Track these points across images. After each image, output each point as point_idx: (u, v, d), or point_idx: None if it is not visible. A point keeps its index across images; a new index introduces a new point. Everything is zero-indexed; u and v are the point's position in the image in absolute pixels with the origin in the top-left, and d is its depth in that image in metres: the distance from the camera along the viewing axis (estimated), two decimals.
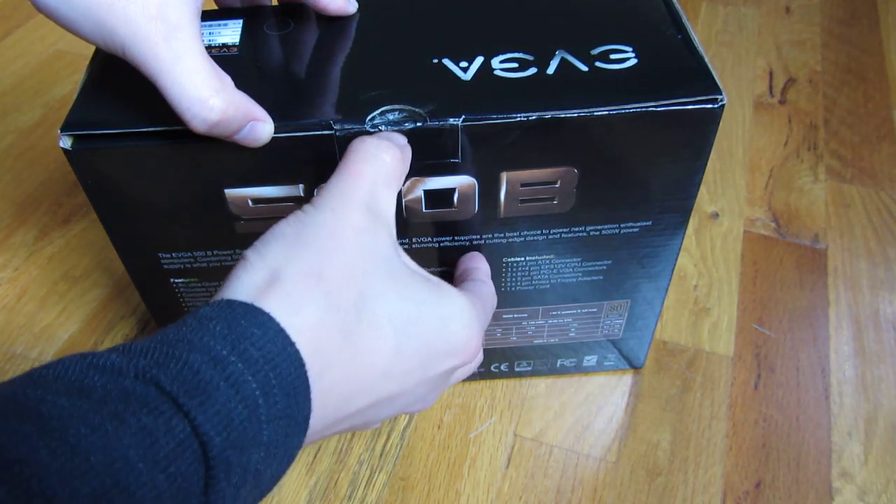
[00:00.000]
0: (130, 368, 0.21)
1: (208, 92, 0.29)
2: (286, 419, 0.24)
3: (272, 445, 0.23)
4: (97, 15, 0.28)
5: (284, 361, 0.24)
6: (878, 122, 0.71)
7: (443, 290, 0.30)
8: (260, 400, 0.22)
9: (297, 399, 0.24)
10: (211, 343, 0.23)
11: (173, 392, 0.21)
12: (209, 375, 0.22)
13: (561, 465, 0.47)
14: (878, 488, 0.46)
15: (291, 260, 0.27)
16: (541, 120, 0.33)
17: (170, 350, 0.22)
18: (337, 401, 0.26)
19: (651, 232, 0.39)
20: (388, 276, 0.28)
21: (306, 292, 0.26)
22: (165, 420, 0.21)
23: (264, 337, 0.23)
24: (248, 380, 0.22)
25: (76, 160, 0.33)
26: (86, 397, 0.20)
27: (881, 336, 0.54)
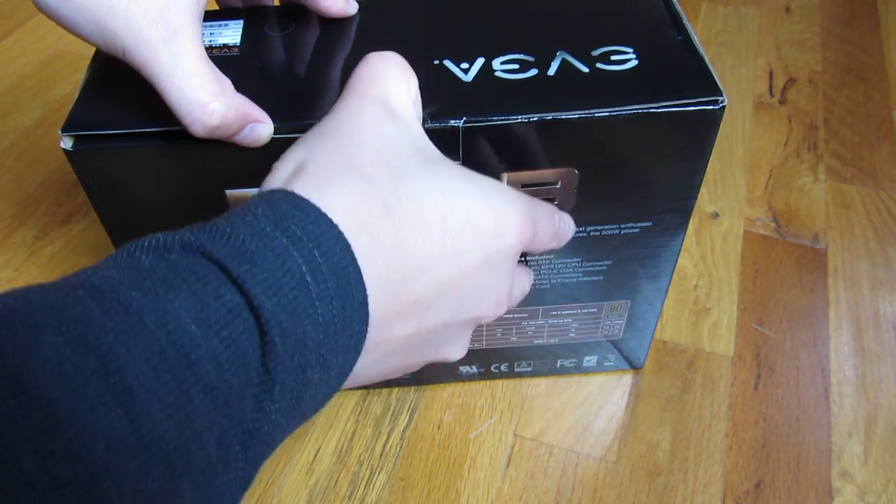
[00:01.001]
0: (175, 243, 0.21)
1: (208, 96, 0.29)
2: (339, 300, 0.23)
3: (330, 327, 0.22)
4: (98, 17, 0.28)
5: (329, 241, 0.23)
6: (878, 122, 0.71)
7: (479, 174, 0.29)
8: (308, 277, 0.22)
9: (347, 280, 0.23)
10: (254, 221, 0.22)
11: (221, 260, 0.21)
12: (255, 246, 0.21)
13: (561, 465, 0.47)
14: (878, 488, 0.46)
15: (316, 149, 0.26)
16: (542, 121, 0.33)
17: (213, 227, 0.22)
18: (395, 280, 0.25)
19: (651, 232, 0.39)
20: (419, 157, 0.27)
21: (336, 170, 0.25)
22: (214, 287, 0.20)
23: (306, 218, 0.23)
24: (293, 255, 0.22)
25: (77, 161, 0.33)
26: (135, 268, 0.20)
27: (881, 336, 0.54)
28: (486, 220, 0.27)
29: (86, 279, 0.20)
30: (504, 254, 0.28)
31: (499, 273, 0.29)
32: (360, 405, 0.50)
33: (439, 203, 0.26)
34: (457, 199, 0.27)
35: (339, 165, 0.25)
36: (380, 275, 0.24)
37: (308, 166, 0.25)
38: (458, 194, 0.27)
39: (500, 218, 0.28)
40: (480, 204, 0.27)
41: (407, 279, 0.25)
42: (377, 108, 0.28)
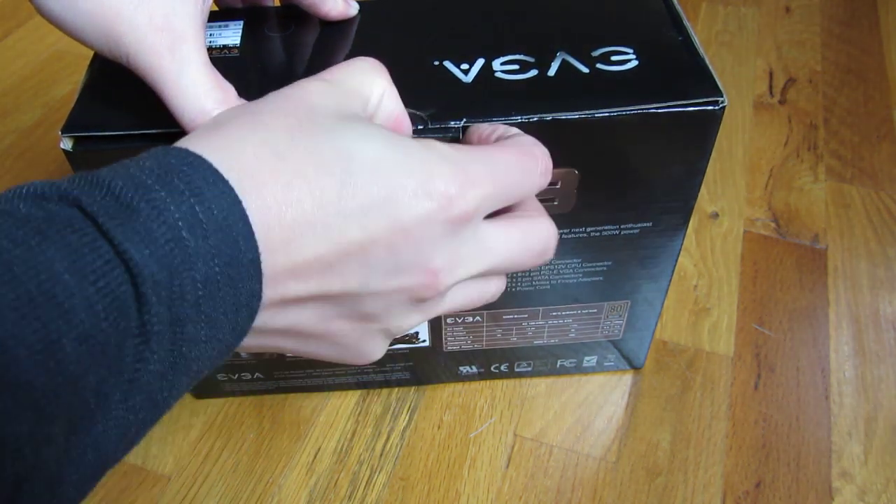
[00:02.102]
0: (53, 193, 0.21)
1: (211, 103, 0.29)
2: (224, 257, 0.22)
3: (211, 284, 0.22)
4: (103, 24, 0.28)
5: (213, 195, 0.22)
6: (878, 122, 0.71)
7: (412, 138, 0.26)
8: (184, 232, 0.21)
9: (233, 236, 0.22)
10: (136, 172, 0.22)
11: (94, 213, 0.20)
12: (129, 197, 0.21)
13: (561, 465, 0.47)
14: (878, 488, 0.46)
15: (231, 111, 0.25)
16: (542, 121, 0.33)
17: (94, 177, 0.21)
18: (282, 234, 0.23)
19: (651, 233, 0.39)
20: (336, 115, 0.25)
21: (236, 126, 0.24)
22: (91, 239, 0.20)
23: (193, 173, 0.22)
24: (170, 209, 0.21)
25: (77, 161, 0.33)
26: (8, 216, 0.20)
27: (881, 336, 0.54)
28: (398, 176, 0.24)
29: None
30: (426, 220, 0.25)
31: (424, 242, 0.25)
32: (360, 405, 0.50)
33: (343, 156, 0.24)
34: (367, 153, 0.24)
35: (243, 122, 0.24)
36: (265, 231, 0.23)
37: (212, 124, 0.24)
38: (369, 149, 0.24)
39: (419, 177, 0.24)
40: (396, 160, 0.24)
41: (297, 237, 0.23)
42: (319, 84, 0.26)
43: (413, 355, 0.47)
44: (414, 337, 0.46)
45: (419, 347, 0.46)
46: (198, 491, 0.46)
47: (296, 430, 0.49)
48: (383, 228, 0.24)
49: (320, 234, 0.23)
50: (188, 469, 0.47)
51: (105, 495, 0.45)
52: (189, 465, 0.47)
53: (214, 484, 0.46)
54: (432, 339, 0.46)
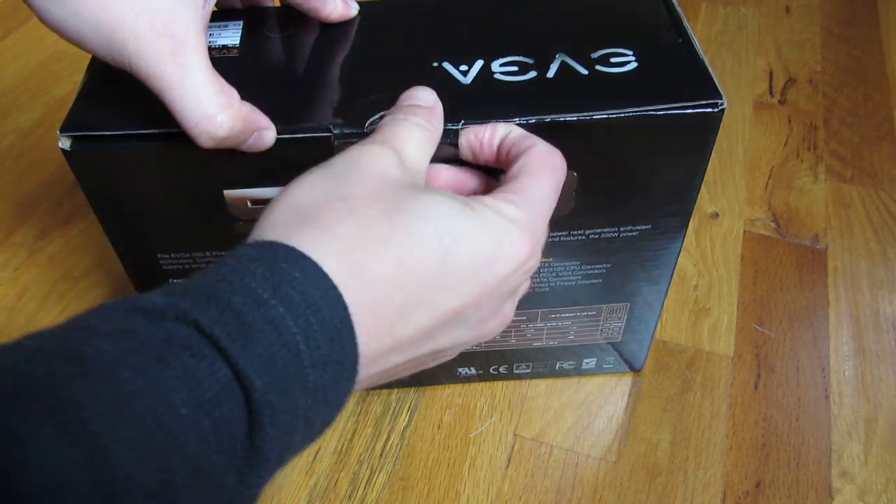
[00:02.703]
0: (171, 310, 0.21)
1: (215, 108, 0.29)
2: (332, 365, 0.23)
3: (320, 391, 0.23)
4: (105, 30, 0.28)
5: (326, 305, 0.23)
6: (878, 122, 0.71)
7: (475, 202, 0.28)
8: (301, 345, 0.22)
9: (341, 343, 0.23)
10: (252, 285, 0.22)
11: (214, 334, 0.21)
12: (251, 317, 0.21)
13: (561, 465, 0.47)
14: (878, 488, 0.46)
15: (315, 191, 0.26)
16: (540, 123, 0.33)
17: (211, 291, 0.22)
18: (390, 321, 0.25)
19: (651, 235, 0.39)
20: (417, 192, 0.27)
21: (333, 215, 0.25)
22: (208, 363, 0.20)
23: (306, 281, 0.23)
24: (288, 324, 0.22)
25: (75, 161, 0.33)
26: (129, 339, 0.20)
27: (881, 336, 0.54)
28: (486, 247, 0.27)
29: (77, 348, 0.20)
30: (507, 278, 0.28)
31: (503, 295, 0.28)
32: (360, 405, 0.50)
33: (439, 233, 0.26)
34: (455, 229, 0.26)
35: (337, 208, 0.25)
36: (374, 319, 0.24)
37: (306, 210, 0.25)
38: (456, 224, 0.26)
39: (501, 244, 0.27)
40: (479, 232, 0.27)
41: (404, 317, 0.25)
42: (387, 154, 0.28)
43: None
44: None
45: None
46: None
47: None
48: (475, 293, 0.27)
49: (423, 312, 0.26)
50: None
51: None
52: None
53: None
54: None
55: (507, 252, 0.27)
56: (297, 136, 0.33)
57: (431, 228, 0.26)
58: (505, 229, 0.27)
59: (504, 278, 0.28)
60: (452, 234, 0.26)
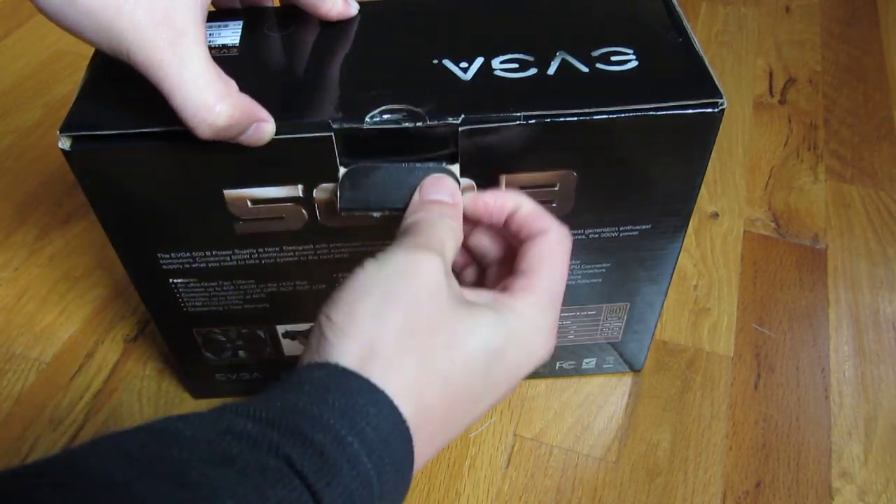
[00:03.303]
0: (265, 441, 0.23)
1: (213, 98, 0.29)
2: (395, 493, 0.25)
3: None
4: (103, 19, 0.28)
5: (396, 440, 0.25)
6: (878, 122, 0.71)
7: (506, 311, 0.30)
8: (374, 480, 0.24)
9: (403, 473, 0.25)
10: (332, 421, 0.24)
11: (303, 471, 0.22)
12: (333, 456, 0.23)
13: (561, 465, 0.47)
14: (878, 488, 0.46)
15: (383, 322, 0.27)
16: (540, 123, 0.33)
17: (295, 424, 0.24)
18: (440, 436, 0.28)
19: (651, 235, 0.39)
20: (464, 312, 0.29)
21: (404, 354, 0.26)
22: (297, 496, 0.22)
23: (379, 416, 0.25)
24: (364, 461, 0.24)
25: (75, 161, 0.33)
26: (229, 467, 0.22)
27: (881, 336, 0.54)
28: (522, 356, 0.30)
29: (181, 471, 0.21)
30: (532, 368, 0.31)
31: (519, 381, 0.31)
32: None
33: (487, 358, 0.28)
34: (498, 348, 0.28)
35: (406, 349, 0.26)
36: (428, 439, 0.27)
37: (380, 349, 0.26)
38: (498, 344, 0.29)
39: (533, 353, 0.30)
40: (517, 347, 0.29)
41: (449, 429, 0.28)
42: (436, 263, 0.28)
43: None
44: None
45: None
46: None
47: None
48: (501, 393, 0.30)
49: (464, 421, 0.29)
50: None
51: None
52: None
53: None
54: None
55: (538, 356, 0.30)
56: (298, 135, 0.33)
57: (481, 356, 0.28)
58: (535, 342, 0.30)
59: (528, 370, 0.30)
60: (496, 352, 0.28)
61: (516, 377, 0.30)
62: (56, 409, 0.50)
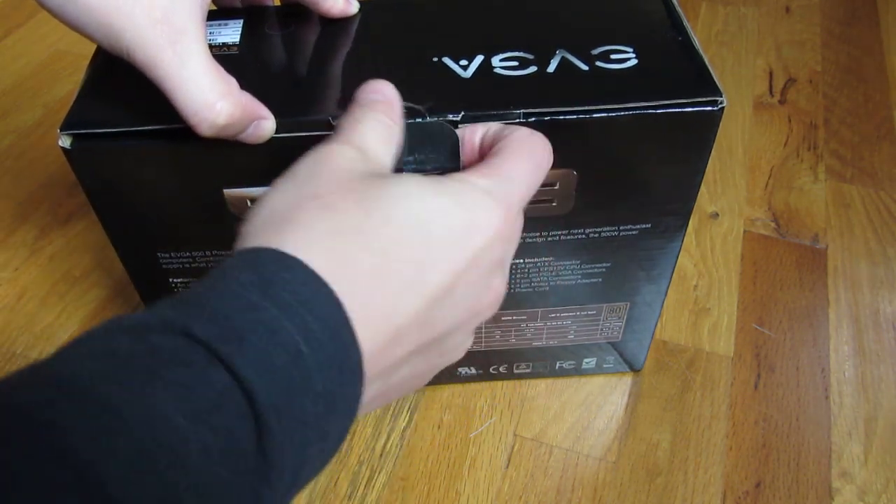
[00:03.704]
0: (157, 323, 0.20)
1: (214, 96, 0.29)
2: (337, 365, 0.22)
3: (329, 396, 0.21)
4: (103, 16, 0.28)
5: (321, 303, 0.22)
6: (878, 122, 0.71)
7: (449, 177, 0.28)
8: (303, 347, 0.21)
9: (343, 342, 0.22)
10: (240, 291, 0.21)
11: (206, 339, 0.19)
12: (242, 320, 0.20)
13: (561, 465, 0.47)
14: (878, 488, 0.46)
15: (288, 194, 0.25)
16: (540, 121, 0.33)
17: (197, 300, 0.21)
18: (384, 310, 0.24)
19: (650, 234, 0.39)
20: (384, 178, 0.27)
21: (309, 213, 0.24)
22: (200, 370, 0.19)
23: (295, 280, 0.22)
24: (285, 326, 0.21)
25: (75, 159, 0.33)
26: (111, 357, 0.19)
27: (881, 336, 0.54)
28: (461, 218, 0.26)
29: (55, 373, 0.19)
30: (488, 248, 0.27)
31: (489, 267, 0.28)
32: None
33: (414, 212, 0.25)
34: (428, 205, 0.26)
35: (311, 207, 0.24)
36: (368, 312, 0.23)
37: (281, 214, 0.24)
38: (428, 201, 0.26)
39: (474, 214, 0.27)
40: (451, 204, 0.26)
41: (397, 303, 0.24)
42: (351, 151, 0.27)
43: None
44: None
45: None
46: None
47: None
48: (460, 266, 0.26)
49: (414, 294, 0.25)
50: None
51: None
52: None
53: None
54: None
55: (482, 220, 0.27)
56: (298, 134, 0.33)
57: (405, 210, 0.25)
58: (475, 200, 0.27)
59: (484, 247, 0.27)
60: (427, 211, 0.26)
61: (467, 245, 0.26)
62: None
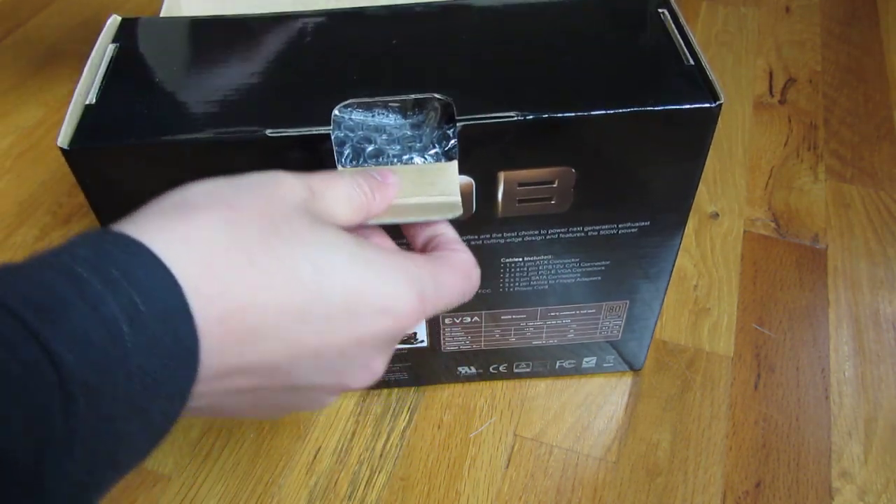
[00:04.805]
0: None
1: None
2: (163, 347, 0.21)
3: (148, 377, 0.21)
4: None
5: (153, 284, 0.21)
6: (878, 122, 0.71)
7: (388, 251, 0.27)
8: (123, 324, 0.20)
9: (174, 327, 0.21)
10: (70, 263, 0.20)
11: (20, 312, 0.19)
12: (63, 292, 0.20)
13: (561, 465, 0.47)
14: (878, 488, 0.46)
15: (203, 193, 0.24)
16: (538, 120, 0.33)
17: (24, 270, 0.20)
18: (240, 334, 0.23)
19: (649, 232, 0.39)
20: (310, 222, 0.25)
21: (209, 220, 0.23)
22: (12, 343, 0.18)
23: (131, 261, 0.21)
24: (107, 301, 0.20)
25: (75, 160, 0.33)
26: None
27: (881, 336, 0.53)
28: (369, 291, 0.25)
29: None
30: (384, 336, 0.26)
31: (376, 350, 0.27)
32: (360, 405, 0.50)
33: (318, 263, 0.24)
34: (338, 263, 0.25)
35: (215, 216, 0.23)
36: (223, 333, 0.22)
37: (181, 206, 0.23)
38: (340, 258, 0.25)
39: (386, 300, 0.25)
40: (363, 271, 0.25)
41: (254, 341, 0.23)
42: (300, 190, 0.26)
43: (411, 356, 0.47)
44: (412, 337, 0.45)
45: (417, 348, 0.46)
46: (198, 491, 0.46)
47: (296, 429, 0.48)
48: (341, 339, 0.25)
49: (276, 342, 0.24)
50: (188, 469, 0.47)
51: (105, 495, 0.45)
52: (189, 465, 0.47)
53: (214, 484, 0.46)
54: (430, 339, 0.46)
55: (397, 308, 0.26)
56: (296, 134, 0.33)
57: (309, 256, 0.24)
58: (397, 281, 0.26)
59: (377, 333, 0.26)
60: (332, 266, 0.24)
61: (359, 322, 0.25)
62: None
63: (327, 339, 0.25)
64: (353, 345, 0.25)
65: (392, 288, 0.26)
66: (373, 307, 0.25)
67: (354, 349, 0.26)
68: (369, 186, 0.29)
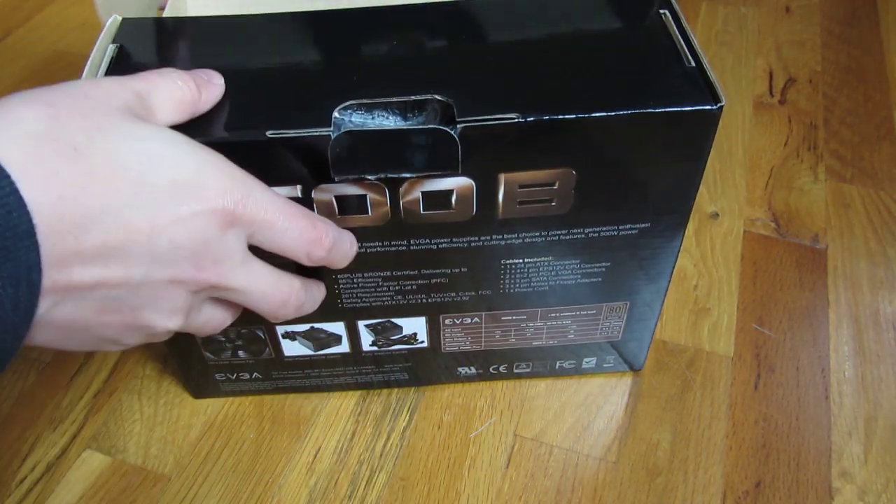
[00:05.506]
0: None
1: None
2: None
3: None
4: None
5: None
6: (878, 122, 0.71)
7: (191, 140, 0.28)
8: None
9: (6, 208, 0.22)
10: None
11: None
12: None
13: (561, 465, 0.47)
14: (878, 488, 0.46)
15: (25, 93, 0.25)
16: (539, 121, 0.33)
17: None
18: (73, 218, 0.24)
19: (650, 234, 0.39)
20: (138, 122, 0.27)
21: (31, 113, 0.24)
22: None
23: None
24: None
25: None
26: None
27: (881, 336, 0.54)
28: (184, 173, 0.27)
29: None
30: (203, 212, 0.27)
31: (198, 233, 0.28)
32: (360, 405, 0.50)
33: (141, 152, 0.26)
34: (163, 152, 0.26)
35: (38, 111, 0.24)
36: (54, 210, 0.24)
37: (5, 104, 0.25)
38: (159, 147, 0.27)
39: (199, 174, 0.27)
40: (181, 158, 0.27)
41: (89, 220, 0.25)
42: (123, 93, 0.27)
43: (411, 356, 0.47)
44: (412, 337, 0.46)
45: (417, 348, 0.46)
46: (198, 491, 0.46)
47: (296, 429, 0.49)
48: (167, 218, 0.26)
49: (110, 223, 0.25)
50: (188, 469, 0.47)
51: (105, 495, 0.45)
52: (189, 465, 0.47)
53: (214, 484, 0.46)
54: (430, 339, 0.46)
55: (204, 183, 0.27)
56: (295, 136, 0.33)
57: (133, 149, 0.26)
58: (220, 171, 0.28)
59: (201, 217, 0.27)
60: (157, 155, 0.26)
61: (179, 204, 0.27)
62: (56, 408, 0.50)
63: (156, 220, 0.26)
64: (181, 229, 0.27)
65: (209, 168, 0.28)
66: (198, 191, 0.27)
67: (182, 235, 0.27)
68: (195, 83, 0.31)
